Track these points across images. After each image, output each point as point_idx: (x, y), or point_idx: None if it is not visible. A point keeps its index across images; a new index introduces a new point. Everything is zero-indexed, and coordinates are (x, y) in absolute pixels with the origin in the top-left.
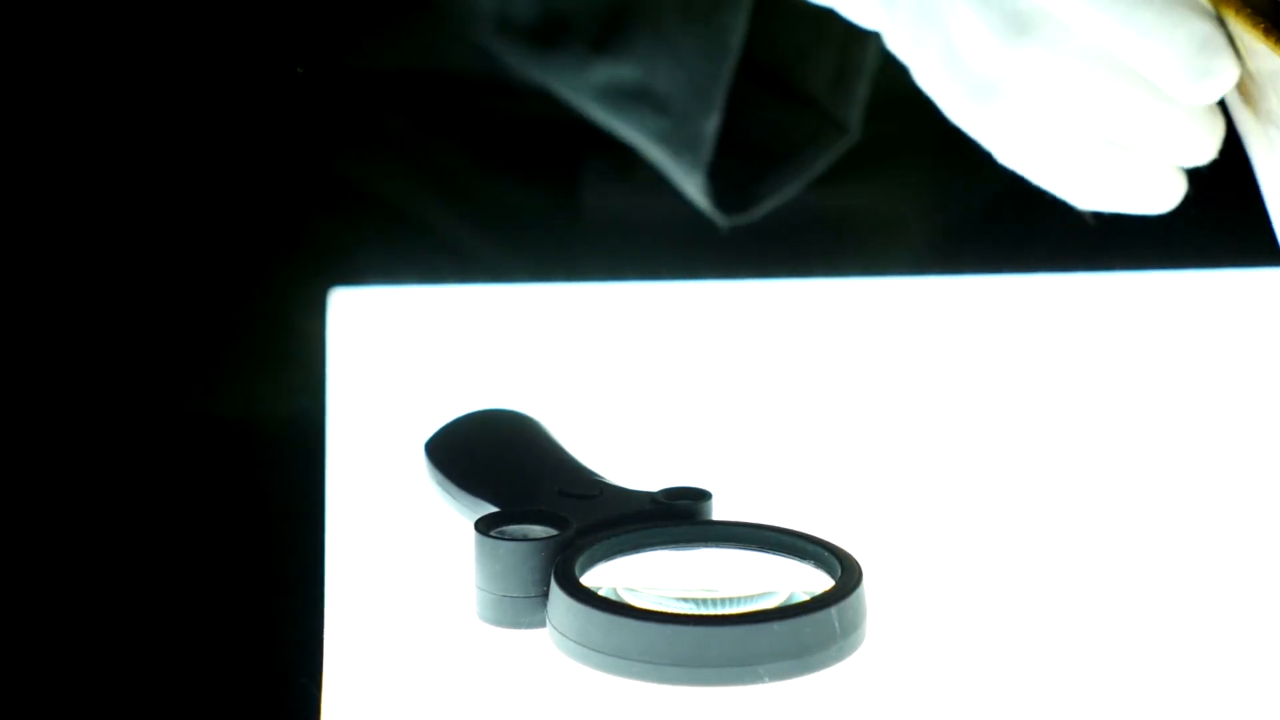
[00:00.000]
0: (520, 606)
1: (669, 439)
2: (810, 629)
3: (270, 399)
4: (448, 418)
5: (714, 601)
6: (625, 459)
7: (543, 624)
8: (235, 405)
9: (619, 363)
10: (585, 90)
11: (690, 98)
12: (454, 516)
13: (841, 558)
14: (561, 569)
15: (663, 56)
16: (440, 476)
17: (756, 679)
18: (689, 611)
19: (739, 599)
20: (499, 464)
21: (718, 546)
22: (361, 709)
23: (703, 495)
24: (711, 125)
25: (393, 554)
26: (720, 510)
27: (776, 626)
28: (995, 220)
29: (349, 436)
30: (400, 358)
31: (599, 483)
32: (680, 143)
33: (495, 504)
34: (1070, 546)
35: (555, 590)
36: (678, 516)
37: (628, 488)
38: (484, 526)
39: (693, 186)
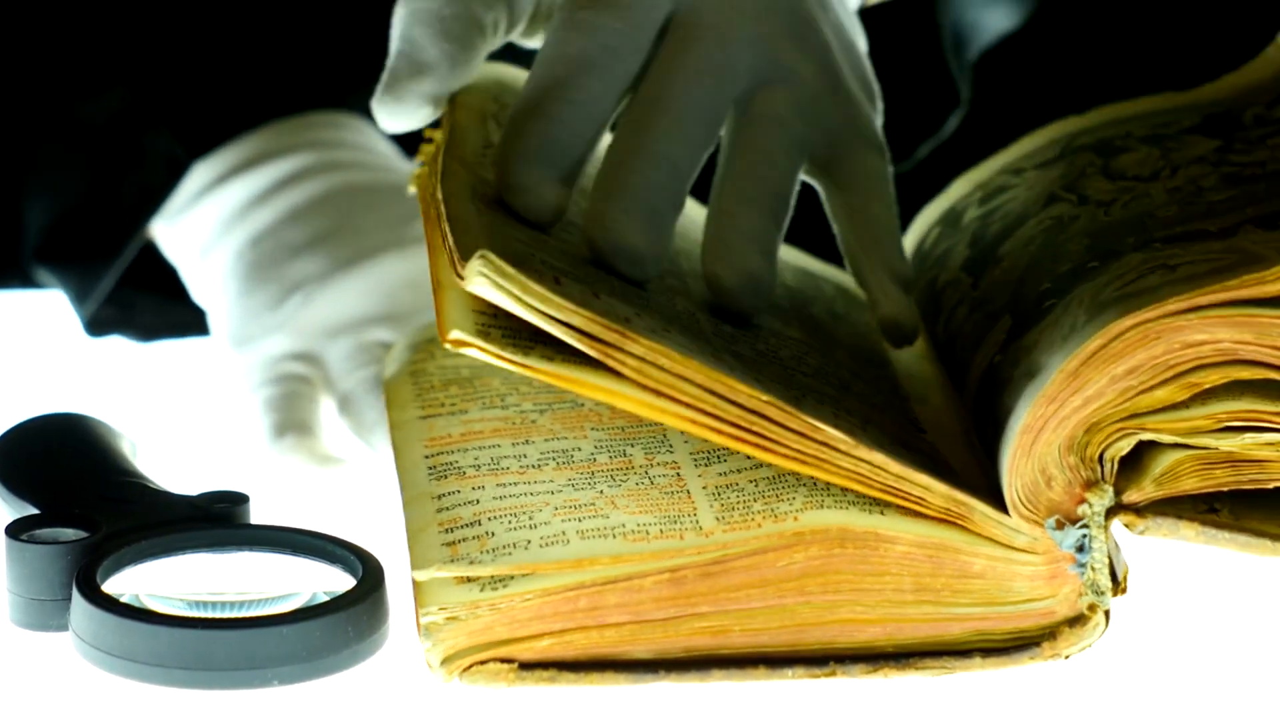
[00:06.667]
0: (49, 609)
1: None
2: (320, 633)
3: None
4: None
5: (236, 605)
6: (206, 464)
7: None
8: None
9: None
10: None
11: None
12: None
13: (366, 561)
14: (83, 573)
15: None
16: None
17: (266, 683)
18: (201, 615)
19: (261, 602)
20: (48, 468)
21: (244, 550)
22: None
23: (240, 499)
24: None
25: None
26: (264, 514)
27: (285, 630)
28: None
29: None
30: (22, 359)
31: (141, 486)
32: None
33: (38, 507)
34: None
35: (75, 594)
36: (213, 520)
37: (170, 491)
38: (14, 530)
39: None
